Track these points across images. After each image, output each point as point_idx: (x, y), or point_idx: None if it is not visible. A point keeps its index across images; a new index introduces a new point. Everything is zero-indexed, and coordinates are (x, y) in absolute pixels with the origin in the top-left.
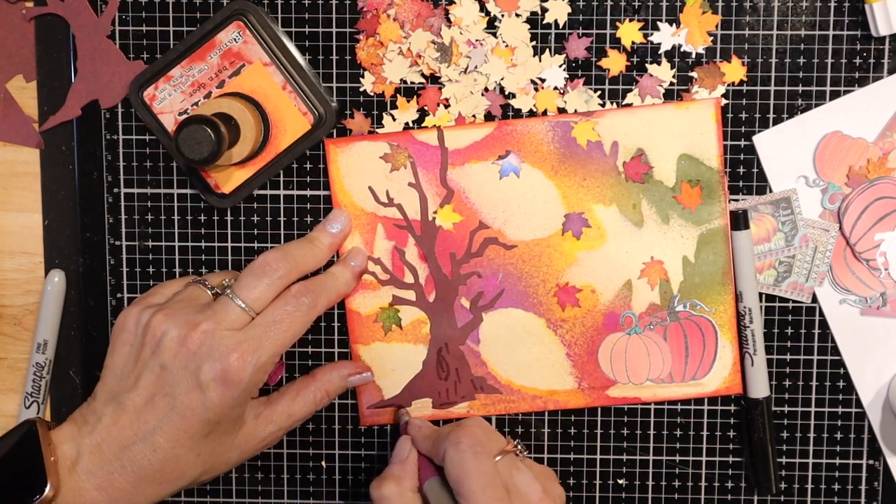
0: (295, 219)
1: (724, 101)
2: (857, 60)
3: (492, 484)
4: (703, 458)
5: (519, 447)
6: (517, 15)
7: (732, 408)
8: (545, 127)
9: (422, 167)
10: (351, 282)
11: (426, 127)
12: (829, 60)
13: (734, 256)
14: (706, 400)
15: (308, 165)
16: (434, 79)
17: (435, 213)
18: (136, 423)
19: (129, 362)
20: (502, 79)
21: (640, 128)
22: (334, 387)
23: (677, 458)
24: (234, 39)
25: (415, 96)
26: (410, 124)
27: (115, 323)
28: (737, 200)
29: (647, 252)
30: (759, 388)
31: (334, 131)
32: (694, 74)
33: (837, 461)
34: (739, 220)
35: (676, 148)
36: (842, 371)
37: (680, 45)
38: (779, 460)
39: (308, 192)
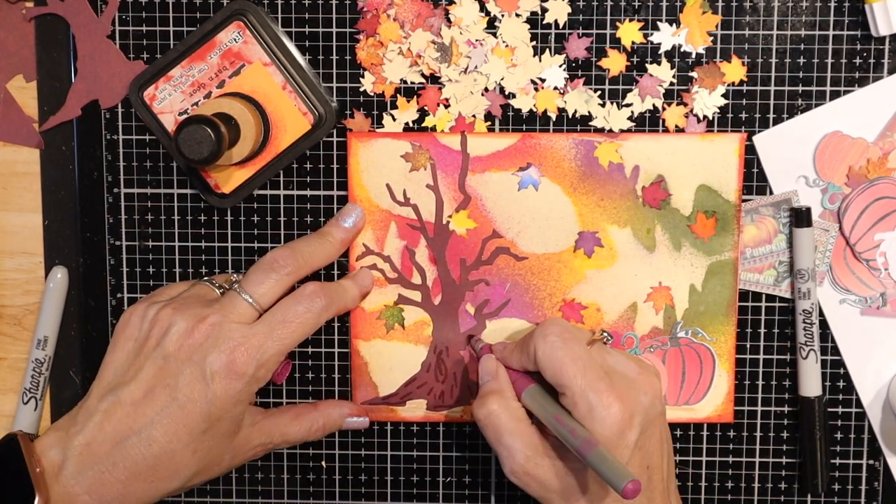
0: (295, 219)
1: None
2: (857, 60)
3: (590, 366)
4: (704, 458)
5: (605, 335)
6: (517, 15)
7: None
8: (569, 144)
9: (441, 170)
10: (357, 299)
11: (446, 132)
12: (829, 60)
13: (795, 253)
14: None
15: (308, 165)
16: (434, 79)
17: (450, 217)
18: (132, 416)
19: (130, 356)
20: (502, 79)
21: (663, 155)
22: (332, 422)
23: (677, 457)
24: (234, 39)
25: (415, 96)
26: (410, 124)
27: (119, 319)
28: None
29: (656, 277)
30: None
31: (335, 131)
32: (694, 74)
33: (837, 461)
34: (802, 217)
35: (697, 178)
36: (842, 371)
37: (680, 45)
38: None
39: (308, 192)
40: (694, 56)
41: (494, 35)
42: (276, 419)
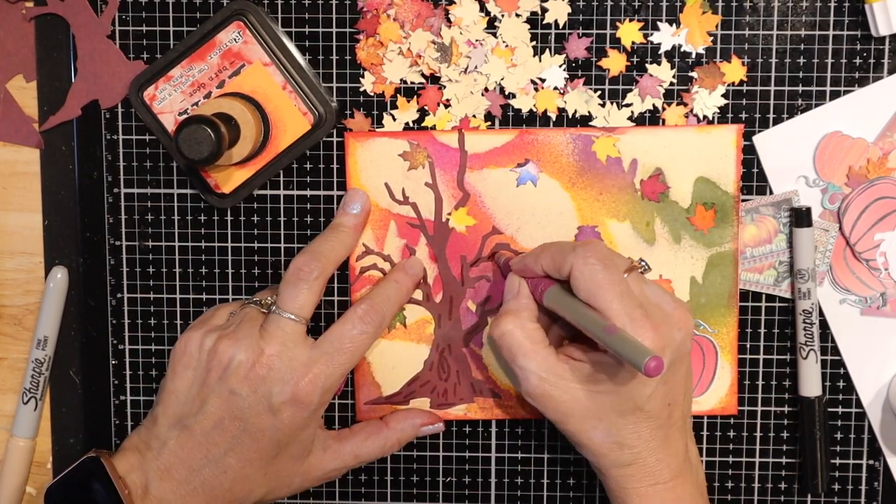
0: (295, 219)
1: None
2: (857, 60)
3: (627, 293)
4: (704, 458)
5: (644, 264)
6: (517, 15)
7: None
8: (566, 139)
9: (440, 168)
10: (412, 289)
11: (444, 129)
12: (829, 60)
13: (795, 253)
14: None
15: (308, 165)
16: (434, 79)
17: (449, 214)
18: (205, 445)
19: (193, 386)
20: (502, 79)
21: (661, 148)
22: (406, 435)
23: None
24: (234, 39)
25: (415, 96)
26: (410, 124)
27: (175, 346)
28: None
29: (657, 270)
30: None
31: (334, 131)
32: (694, 74)
33: (837, 461)
34: (802, 217)
35: (695, 170)
36: (842, 371)
37: (680, 45)
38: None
39: (308, 192)
40: (694, 56)
41: (494, 35)
42: (347, 443)
